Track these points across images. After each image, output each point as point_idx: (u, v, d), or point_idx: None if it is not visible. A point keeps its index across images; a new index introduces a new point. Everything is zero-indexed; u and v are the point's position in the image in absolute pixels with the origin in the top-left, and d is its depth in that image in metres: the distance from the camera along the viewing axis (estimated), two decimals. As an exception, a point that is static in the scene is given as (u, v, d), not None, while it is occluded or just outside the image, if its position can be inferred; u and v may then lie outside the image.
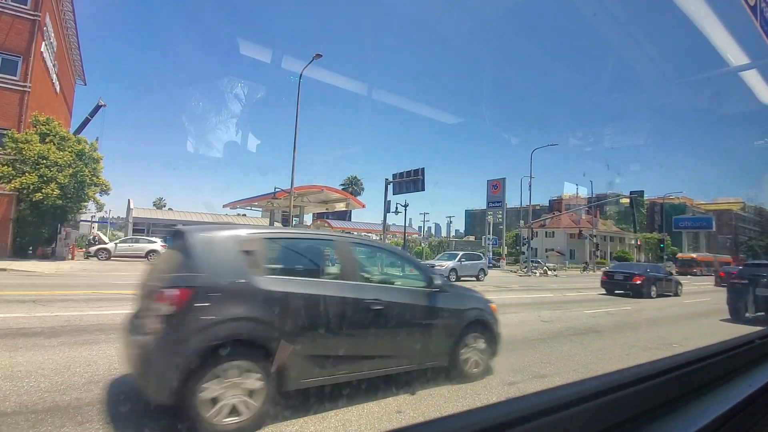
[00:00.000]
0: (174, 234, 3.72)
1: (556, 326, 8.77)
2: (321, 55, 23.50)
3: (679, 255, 62.50)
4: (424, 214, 75.80)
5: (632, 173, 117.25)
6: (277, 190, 28.12)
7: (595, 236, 55.36)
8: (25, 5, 22.29)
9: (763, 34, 4.32)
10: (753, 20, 4.29)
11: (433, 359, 4.35)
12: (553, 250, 71.66)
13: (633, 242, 76.37)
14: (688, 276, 44.91)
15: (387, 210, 30.41)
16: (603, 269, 29.75)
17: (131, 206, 37.15)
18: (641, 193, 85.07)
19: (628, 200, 51.07)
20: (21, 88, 21.96)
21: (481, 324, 4.75)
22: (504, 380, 4.76)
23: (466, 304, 4.79)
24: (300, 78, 24.83)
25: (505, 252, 54.05)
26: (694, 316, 12.30)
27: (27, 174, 19.79)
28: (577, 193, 78.05)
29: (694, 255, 61.99)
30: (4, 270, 15.32)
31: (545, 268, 41.38)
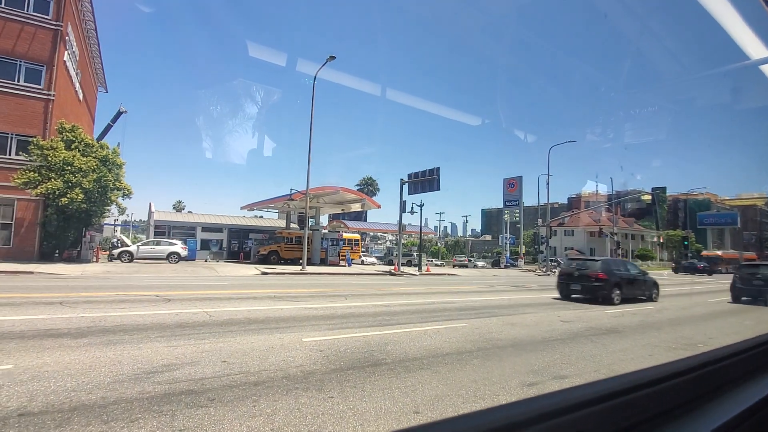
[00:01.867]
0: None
1: (576, 326, 8.62)
2: (334, 57, 23.63)
3: (704, 252, 60.70)
4: (440, 213, 75.86)
5: (653, 169, 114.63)
6: (293, 191, 28.36)
7: (615, 234, 54.10)
8: (47, 15, 23.02)
9: None
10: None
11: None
12: (572, 248, 70.41)
13: (655, 240, 74.44)
14: (714, 274, 43.61)
15: (402, 210, 30.35)
16: None
17: (152, 209, 37.96)
18: (663, 189, 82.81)
19: (649, 197, 49.74)
20: (45, 97, 22.70)
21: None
22: (523, 381, 4.70)
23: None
24: (314, 80, 25.02)
25: (523, 251, 53.30)
26: (719, 315, 11.94)
27: (53, 180, 20.44)
28: (597, 191, 76.48)
29: (719, 252, 60.09)
30: (32, 273, 15.87)
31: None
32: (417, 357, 5.51)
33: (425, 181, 28.78)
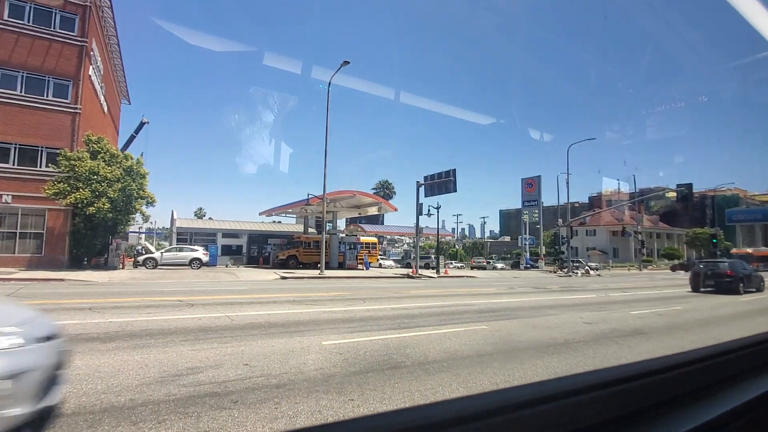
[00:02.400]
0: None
1: (600, 328, 8.44)
2: (348, 62, 23.83)
3: (734, 250, 58.52)
4: (457, 215, 75.26)
5: (676, 166, 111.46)
6: (310, 196, 28.66)
7: (639, 233, 52.65)
8: (73, 32, 23.95)
9: None
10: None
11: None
12: (594, 248, 68.89)
13: (684, 238, 72.14)
14: None
15: (419, 213, 30.30)
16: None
17: (174, 217, 38.93)
18: (689, 185, 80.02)
19: (674, 194, 48.16)
20: (72, 110, 23.59)
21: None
22: (545, 384, 4.63)
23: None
24: (329, 86, 25.29)
25: (543, 252, 52.34)
26: (749, 315, 11.51)
27: (81, 190, 21.19)
28: (619, 189, 74.69)
29: (749, 250, 57.93)
30: (63, 280, 16.45)
31: (587, 267, 39.87)
32: (436, 359, 5.49)
33: (441, 183, 28.66)
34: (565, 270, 36.41)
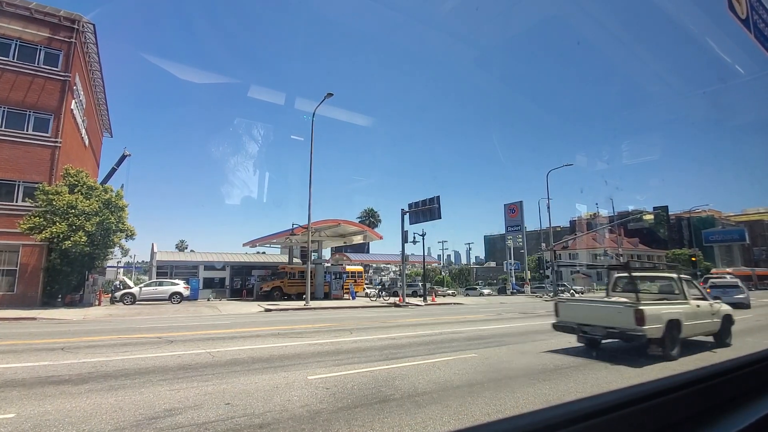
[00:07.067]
0: None
1: (590, 352, 8.42)
2: (332, 94, 24.34)
3: (713, 270, 59.79)
4: (443, 242, 75.36)
5: (653, 189, 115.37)
6: (294, 226, 28.46)
7: (621, 255, 53.60)
8: (56, 67, 23.93)
9: (760, 45, 4.33)
10: (747, 33, 4.31)
11: None
12: (578, 272, 69.56)
13: (664, 259, 73.64)
14: None
15: (405, 240, 30.28)
16: None
17: (155, 250, 37.97)
18: (665, 208, 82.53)
19: (651, 216, 49.65)
20: (52, 144, 23.24)
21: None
22: (537, 412, 4.53)
23: None
24: (313, 117, 25.66)
25: (529, 276, 52.60)
26: (739, 335, 11.62)
27: (57, 224, 20.58)
28: (598, 212, 76.50)
29: (729, 270, 59.24)
30: (35, 319, 15.70)
31: (572, 291, 40.15)
32: (426, 391, 5.35)
33: (426, 210, 28.88)
34: (551, 294, 36.55)
